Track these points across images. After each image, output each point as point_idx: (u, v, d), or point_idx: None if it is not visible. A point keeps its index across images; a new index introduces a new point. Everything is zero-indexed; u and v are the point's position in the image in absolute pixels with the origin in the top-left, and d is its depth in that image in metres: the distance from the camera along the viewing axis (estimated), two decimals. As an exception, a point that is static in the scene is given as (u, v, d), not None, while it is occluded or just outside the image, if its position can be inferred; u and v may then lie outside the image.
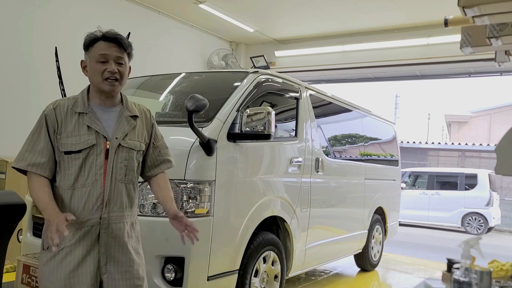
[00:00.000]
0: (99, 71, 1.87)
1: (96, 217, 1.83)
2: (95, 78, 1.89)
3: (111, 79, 1.87)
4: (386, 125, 6.37)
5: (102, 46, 1.88)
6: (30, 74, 5.50)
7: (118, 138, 1.89)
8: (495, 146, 1.80)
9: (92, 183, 1.83)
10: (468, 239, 1.51)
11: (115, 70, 1.87)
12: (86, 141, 1.84)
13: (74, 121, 1.86)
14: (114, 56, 1.89)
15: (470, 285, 1.45)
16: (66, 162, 1.84)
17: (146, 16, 7.18)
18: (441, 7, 6.54)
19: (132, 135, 1.95)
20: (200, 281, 2.67)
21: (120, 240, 1.87)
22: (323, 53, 8.59)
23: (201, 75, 3.98)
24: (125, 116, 1.96)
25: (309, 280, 5.03)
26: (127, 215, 1.93)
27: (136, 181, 1.99)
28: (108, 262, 1.84)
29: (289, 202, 3.56)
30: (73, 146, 1.83)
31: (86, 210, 1.82)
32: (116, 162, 1.88)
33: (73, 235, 1.80)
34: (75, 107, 1.89)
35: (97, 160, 1.84)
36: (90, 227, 1.82)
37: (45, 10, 5.69)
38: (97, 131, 1.86)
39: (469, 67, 8.11)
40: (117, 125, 1.92)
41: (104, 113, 1.93)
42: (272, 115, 2.92)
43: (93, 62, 1.88)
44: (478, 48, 2.22)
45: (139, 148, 1.97)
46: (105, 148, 1.86)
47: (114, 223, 1.87)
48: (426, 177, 13.06)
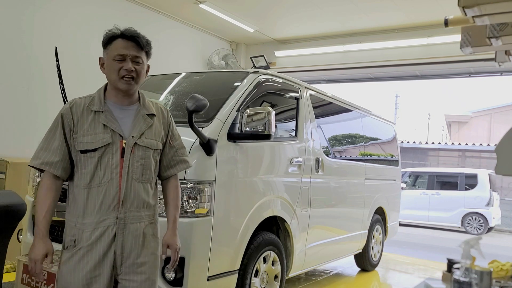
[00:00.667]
0: (115, 69, 1.87)
1: (113, 217, 1.82)
2: (111, 76, 1.89)
3: (127, 77, 1.88)
4: (386, 125, 6.37)
5: (120, 44, 1.88)
6: (30, 74, 5.50)
7: (134, 137, 1.88)
8: (495, 146, 1.80)
9: (108, 182, 1.82)
10: (468, 239, 1.51)
11: (131, 69, 1.88)
12: (101, 140, 1.83)
13: (90, 120, 1.86)
14: (132, 55, 1.89)
15: (470, 285, 1.45)
16: (82, 161, 1.84)
17: (146, 16, 7.18)
18: (441, 7, 6.54)
19: (148, 133, 1.94)
20: (200, 281, 2.67)
21: (136, 241, 1.86)
22: (323, 53, 8.58)
23: (201, 75, 3.98)
24: (141, 114, 1.95)
25: (309, 280, 5.03)
26: (145, 215, 1.91)
27: (153, 180, 1.98)
28: (123, 263, 1.83)
29: (289, 202, 3.56)
30: (88, 144, 1.83)
31: (102, 209, 1.81)
32: (132, 161, 1.87)
33: (90, 235, 1.81)
34: (91, 106, 1.89)
35: (113, 158, 1.84)
36: (107, 227, 1.81)
37: (45, 10, 5.69)
38: (113, 129, 1.86)
39: (469, 67, 8.11)
40: (134, 123, 1.92)
41: (120, 111, 1.92)
42: (272, 115, 2.92)
43: (110, 60, 1.89)
44: (478, 48, 2.22)
45: (155, 147, 1.96)
46: (121, 146, 1.85)
47: (130, 223, 1.86)
48: (426, 177, 13.06)
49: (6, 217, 2.39)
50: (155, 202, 2.00)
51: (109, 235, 1.81)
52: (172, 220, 2.03)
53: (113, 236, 1.82)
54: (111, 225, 1.82)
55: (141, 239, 1.88)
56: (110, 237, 1.81)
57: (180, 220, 2.62)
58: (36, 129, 5.32)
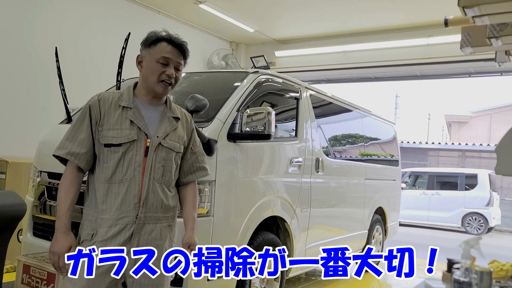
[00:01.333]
0: (157, 72, 1.88)
1: (132, 216, 1.80)
2: (150, 77, 1.89)
3: (166, 82, 1.89)
4: (386, 125, 6.37)
5: (167, 48, 1.90)
6: (31, 75, 5.50)
7: (159, 137, 1.88)
8: (495, 146, 1.80)
9: (130, 179, 1.81)
10: (468, 239, 1.51)
11: (173, 75, 1.90)
12: (127, 135, 1.82)
13: (117, 114, 1.85)
14: (175, 62, 1.91)
15: (470, 285, 1.45)
16: (105, 155, 1.83)
17: (146, 16, 7.18)
18: (441, 7, 6.54)
19: (172, 136, 1.94)
20: (200, 281, 2.66)
21: (152, 243, 1.83)
22: (323, 53, 8.58)
23: (201, 75, 3.98)
24: (168, 116, 1.95)
25: (309, 280, 5.03)
26: (163, 217, 1.90)
27: (172, 183, 1.96)
28: (134, 264, 1.77)
29: (289, 202, 3.56)
30: (114, 139, 1.82)
31: (123, 207, 1.80)
32: (155, 161, 1.86)
33: (107, 231, 1.79)
34: (120, 101, 1.89)
35: (136, 156, 1.83)
36: (125, 225, 1.80)
37: (46, 11, 5.70)
38: (139, 127, 1.85)
39: (469, 67, 8.11)
40: (160, 124, 1.92)
41: (148, 110, 1.92)
42: (272, 115, 2.92)
43: (153, 61, 1.88)
44: (478, 48, 2.22)
45: (178, 150, 1.95)
46: (145, 145, 1.85)
47: (148, 223, 1.84)
48: (426, 177, 13.05)
49: (6, 217, 2.39)
50: (174, 204, 1.98)
51: (126, 234, 1.79)
52: (192, 220, 2.01)
53: (130, 235, 1.80)
54: (130, 224, 1.80)
55: (157, 242, 1.86)
56: (127, 236, 1.79)
57: (180, 220, 2.62)
58: (36, 129, 5.32)
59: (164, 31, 1.94)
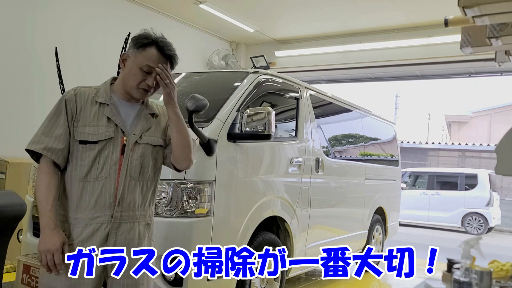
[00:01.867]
0: (137, 79, 1.82)
1: (108, 215, 1.75)
2: (129, 81, 1.83)
3: (145, 90, 1.84)
4: (386, 125, 6.37)
5: (155, 56, 1.82)
6: (30, 75, 5.50)
7: (135, 135, 1.84)
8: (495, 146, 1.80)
9: (105, 178, 1.76)
10: (468, 239, 1.51)
11: (152, 86, 1.84)
12: (104, 133, 1.77)
13: (94, 111, 1.80)
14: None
15: (470, 285, 1.45)
16: (80, 152, 1.76)
17: (146, 16, 7.18)
18: (441, 7, 6.54)
19: (150, 132, 1.89)
20: (200, 281, 2.66)
21: (130, 242, 1.79)
22: (323, 53, 8.58)
23: (201, 75, 3.98)
24: (144, 114, 1.91)
25: (309, 280, 5.03)
26: (140, 215, 1.85)
27: (151, 180, 1.90)
28: (114, 264, 1.73)
29: (289, 202, 3.56)
30: (90, 136, 1.76)
31: (98, 206, 1.75)
32: (131, 159, 1.81)
33: (82, 230, 1.74)
34: (97, 97, 1.83)
35: (112, 154, 1.77)
36: (100, 225, 1.75)
37: (46, 10, 5.69)
38: (116, 124, 1.80)
39: (469, 67, 8.11)
40: (136, 121, 1.87)
41: (125, 107, 1.87)
42: (272, 115, 2.92)
43: (136, 66, 1.81)
44: (478, 48, 2.22)
45: (156, 143, 1.90)
46: (122, 143, 1.80)
47: (125, 223, 1.79)
48: (426, 177, 13.05)
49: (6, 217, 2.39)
50: (152, 201, 1.94)
51: (102, 234, 1.74)
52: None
53: (106, 235, 1.75)
54: (105, 223, 1.75)
55: (135, 241, 1.82)
56: (103, 236, 1.74)
57: (180, 220, 2.63)
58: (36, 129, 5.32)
59: (158, 35, 1.85)
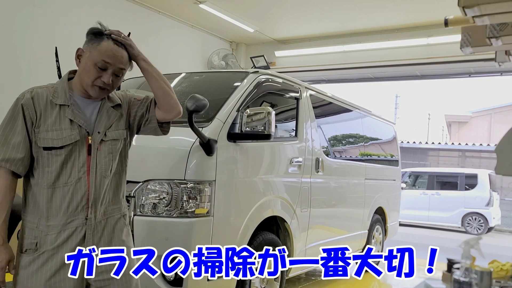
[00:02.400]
0: (92, 76, 1.72)
1: (81, 217, 1.70)
2: (85, 78, 1.73)
3: (100, 87, 1.74)
4: (386, 125, 6.37)
5: (110, 50, 1.72)
6: (29, 74, 5.50)
7: (100, 133, 1.76)
8: (495, 146, 1.80)
9: (75, 182, 1.69)
10: (468, 239, 1.51)
11: (109, 83, 1.73)
12: (69, 136, 1.68)
13: (55, 114, 1.70)
14: (116, 67, 1.74)
15: (470, 285, 1.45)
16: (45, 159, 1.68)
17: (146, 16, 7.18)
18: (441, 7, 6.54)
19: (114, 126, 1.82)
20: (200, 281, 2.66)
21: (107, 239, 1.77)
22: (323, 53, 8.59)
23: (201, 75, 3.98)
24: (106, 108, 1.81)
25: (309, 280, 5.03)
26: (114, 209, 1.81)
27: (120, 172, 1.85)
28: (96, 263, 1.70)
29: (289, 202, 3.56)
30: (54, 141, 1.67)
31: (70, 210, 1.68)
32: (99, 157, 1.74)
33: (56, 237, 1.67)
34: (55, 98, 1.72)
35: (79, 157, 1.70)
36: (75, 228, 1.69)
37: (44, 10, 5.69)
38: (80, 125, 1.72)
39: (469, 67, 8.11)
40: (99, 118, 1.79)
41: (86, 105, 1.78)
42: (272, 115, 2.92)
43: (91, 62, 1.71)
44: (478, 48, 2.22)
45: (122, 136, 1.84)
46: (87, 143, 1.72)
47: (100, 221, 1.75)
48: (426, 177, 13.05)
49: (6, 217, 2.38)
50: (124, 193, 1.89)
51: (77, 236, 1.69)
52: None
53: (83, 237, 1.70)
54: (80, 226, 1.70)
55: (114, 234, 1.79)
56: (79, 238, 1.70)
57: (180, 220, 2.63)
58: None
59: (107, 29, 1.75)
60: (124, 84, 4.06)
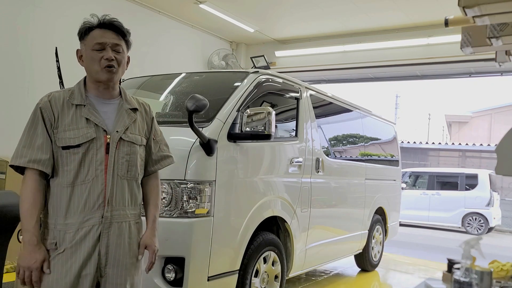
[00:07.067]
0: (96, 59, 1.78)
1: (98, 216, 1.73)
2: (92, 67, 1.79)
3: (108, 67, 1.78)
4: (386, 125, 6.37)
5: (98, 33, 1.80)
6: (30, 74, 5.50)
7: (119, 132, 1.80)
8: (496, 146, 1.80)
9: (92, 180, 1.73)
10: (468, 239, 1.51)
11: (112, 57, 1.79)
12: (85, 135, 1.73)
13: (71, 114, 1.76)
14: (111, 43, 1.80)
15: (471, 285, 1.45)
16: (64, 158, 1.73)
17: (146, 16, 7.18)
18: (442, 7, 6.54)
19: (132, 128, 1.86)
20: (200, 281, 2.67)
21: (122, 241, 1.79)
22: (323, 53, 8.59)
23: (201, 75, 3.98)
24: (124, 109, 1.86)
25: (309, 280, 5.03)
26: (131, 214, 1.84)
27: (139, 178, 1.89)
28: (107, 264, 1.75)
29: (289, 202, 3.56)
30: (71, 140, 1.72)
31: (87, 208, 1.72)
32: (117, 157, 1.78)
33: (74, 235, 1.72)
34: (72, 99, 1.78)
35: (97, 155, 1.74)
36: (91, 227, 1.73)
37: (44, 9, 5.69)
38: (96, 124, 1.76)
39: (469, 67, 8.11)
40: (117, 118, 1.83)
41: (103, 105, 1.83)
42: (273, 115, 2.92)
43: (88, 50, 1.79)
44: (479, 48, 2.22)
45: (140, 143, 1.88)
46: (106, 142, 1.76)
47: (116, 222, 1.78)
48: (426, 177, 13.06)
49: (6, 218, 2.39)
50: (140, 200, 1.93)
51: (94, 235, 1.73)
52: (152, 219, 1.94)
53: (98, 236, 1.73)
54: (96, 225, 1.73)
55: (127, 240, 1.81)
56: (95, 237, 1.73)
57: (180, 220, 2.63)
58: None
59: (94, 16, 1.85)
60: (124, 84, 4.06)
